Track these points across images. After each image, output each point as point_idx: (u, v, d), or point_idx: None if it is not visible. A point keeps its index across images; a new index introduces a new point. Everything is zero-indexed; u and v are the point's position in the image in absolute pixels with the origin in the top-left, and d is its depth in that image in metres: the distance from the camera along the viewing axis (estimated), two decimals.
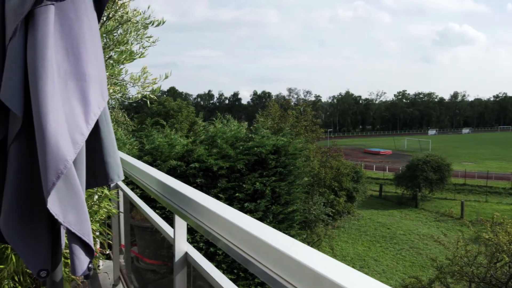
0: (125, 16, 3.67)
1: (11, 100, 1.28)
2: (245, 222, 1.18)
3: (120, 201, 3.27)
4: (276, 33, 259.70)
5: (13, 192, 1.34)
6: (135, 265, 3.79)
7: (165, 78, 3.36)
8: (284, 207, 7.02)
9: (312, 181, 22.25)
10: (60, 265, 1.55)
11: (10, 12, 1.36)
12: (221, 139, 6.86)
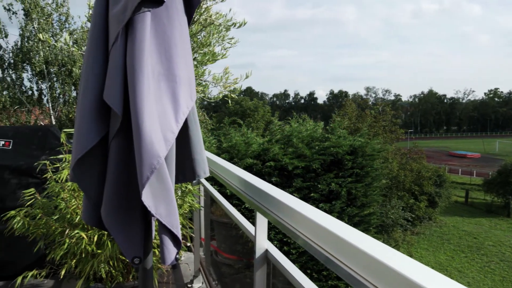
0: (209, 19, 3.82)
1: (113, 100, 1.40)
2: (330, 222, 1.17)
3: (201, 196, 3.41)
4: (354, 31, 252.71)
5: (113, 185, 1.47)
6: (214, 259, 3.93)
7: (246, 78, 3.44)
8: (360, 209, 6.82)
9: (390, 183, 21.34)
10: (151, 253, 1.66)
11: (112, 20, 1.49)
12: (297, 139, 6.85)
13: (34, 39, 15.49)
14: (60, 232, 2.53)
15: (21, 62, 15.73)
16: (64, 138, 2.80)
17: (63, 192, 2.53)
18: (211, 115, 27.05)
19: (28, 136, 3.85)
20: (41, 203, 2.65)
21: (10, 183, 3.50)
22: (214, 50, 4.06)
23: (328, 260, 1.15)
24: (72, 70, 15.79)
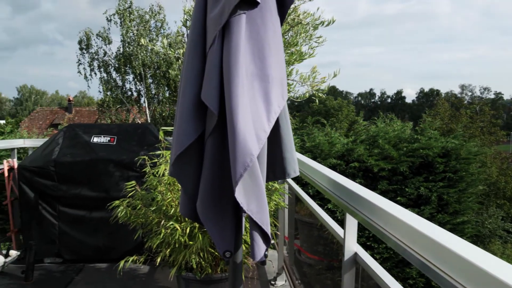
0: (296, 19, 3.83)
1: (210, 100, 1.47)
2: (427, 226, 1.11)
3: (286, 195, 3.44)
4: (447, 24, 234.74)
5: (208, 180, 1.55)
6: (297, 258, 3.94)
7: (334, 76, 3.39)
8: (452, 216, 6.34)
9: (488, 190, 19.52)
10: (241, 248, 1.72)
11: (210, 23, 1.56)
12: (383, 139, 6.57)
13: (133, 44, 16.90)
14: (157, 223, 2.73)
15: (123, 65, 17.26)
16: (161, 135, 3.01)
17: (160, 186, 2.73)
18: (294, 115, 27.14)
19: (130, 133, 4.22)
20: (141, 195, 2.88)
21: (114, 175, 3.86)
22: (301, 49, 4.06)
23: (425, 267, 1.10)
24: (166, 72, 16.94)
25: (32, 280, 3.53)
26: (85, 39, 17.38)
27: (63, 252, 3.96)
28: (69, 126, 4.26)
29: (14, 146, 4.59)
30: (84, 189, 3.89)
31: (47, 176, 3.86)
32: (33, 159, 3.94)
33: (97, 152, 3.94)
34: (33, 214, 3.91)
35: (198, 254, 2.61)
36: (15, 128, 11.80)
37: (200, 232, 2.56)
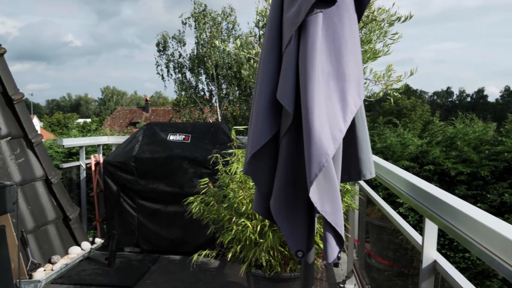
0: (371, 16, 3.71)
1: (285, 100, 1.48)
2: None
3: (357, 196, 3.35)
4: None
5: (282, 179, 1.55)
6: (367, 261, 3.82)
7: (410, 75, 3.24)
8: None
9: None
10: (313, 249, 1.71)
11: (286, 23, 1.57)
12: (462, 141, 6.14)
13: (207, 46, 17.52)
14: (228, 219, 2.80)
15: (196, 66, 17.97)
16: (233, 134, 3.08)
17: (232, 184, 2.80)
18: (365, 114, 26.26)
19: (203, 131, 4.38)
20: (213, 192, 2.98)
21: (188, 172, 4.04)
22: (375, 47, 3.93)
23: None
24: (237, 72, 17.34)
25: (114, 267, 3.80)
26: (163, 41, 18.35)
27: (141, 243, 4.22)
28: (148, 124, 4.53)
29: (99, 143, 4.98)
30: (160, 184, 4.11)
31: (128, 171, 4.14)
32: (116, 155, 4.25)
33: (173, 149, 4.14)
34: (115, 206, 4.22)
35: (268, 252, 2.64)
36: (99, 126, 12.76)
37: (270, 231, 2.58)
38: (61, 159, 6.14)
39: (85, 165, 4.68)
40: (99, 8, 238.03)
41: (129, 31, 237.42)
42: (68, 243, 3.95)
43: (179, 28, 28.29)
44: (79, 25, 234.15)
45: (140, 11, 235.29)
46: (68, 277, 3.54)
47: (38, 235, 3.60)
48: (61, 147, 5.95)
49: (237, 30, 18.44)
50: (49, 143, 6.45)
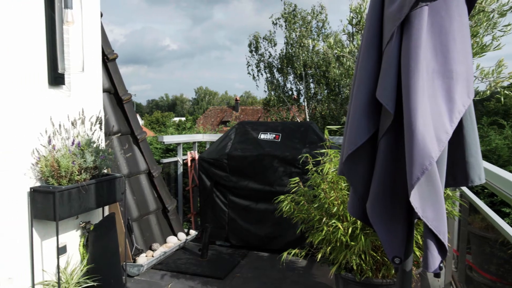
0: (479, 7, 3.39)
1: (385, 99, 1.42)
2: None
3: (459, 203, 3.10)
4: None
5: (379, 182, 1.50)
6: (467, 275, 3.52)
7: None
8: None
9: None
10: (411, 256, 1.62)
11: (388, 19, 1.51)
12: None
13: (296, 45, 17.57)
14: (318, 220, 2.78)
15: (285, 66, 18.14)
16: (326, 134, 3.05)
17: (323, 184, 2.77)
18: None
19: (293, 130, 4.40)
20: (303, 191, 2.98)
21: (278, 170, 4.09)
22: (482, 40, 3.58)
23: None
24: (326, 71, 17.12)
25: (207, 258, 4.00)
26: (254, 42, 18.82)
27: (230, 237, 4.38)
28: (240, 123, 4.68)
29: (195, 140, 5.28)
30: (251, 181, 4.22)
31: (221, 167, 4.32)
32: (210, 152, 4.46)
33: (263, 148, 4.22)
34: (208, 201, 4.43)
35: (359, 256, 2.56)
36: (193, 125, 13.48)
37: (362, 234, 2.51)
38: (159, 155, 6.63)
39: (182, 161, 4.99)
40: (193, 14, 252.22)
41: (220, 34, 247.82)
42: (166, 233, 4.26)
43: (268, 29, 28.67)
44: (175, 30, 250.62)
45: (230, 14, 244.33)
46: (166, 264, 3.81)
47: (141, 224, 3.94)
48: (161, 143, 6.42)
49: (326, 29, 18.20)
50: (149, 139, 7.01)
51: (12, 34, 2.55)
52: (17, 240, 2.62)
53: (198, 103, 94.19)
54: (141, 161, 4.11)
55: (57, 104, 2.89)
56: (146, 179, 4.15)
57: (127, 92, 4.08)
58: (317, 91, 18.01)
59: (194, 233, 4.50)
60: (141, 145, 4.13)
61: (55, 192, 2.57)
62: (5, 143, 2.52)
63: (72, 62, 2.88)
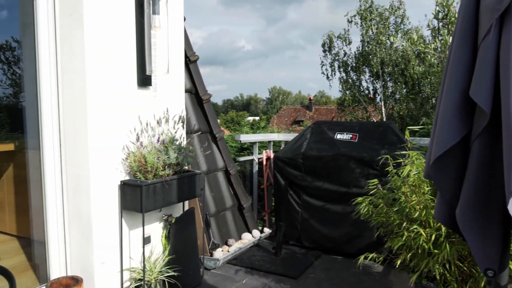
0: None
1: (480, 98, 1.32)
2: None
3: None
4: None
5: (472, 187, 1.39)
6: None
7: None
8: None
9: None
10: (507, 269, 1.48)
11: (485, 10, 1.39)
12: None
13: (372, 43, 16.99)
14: (398, 224, 2.66)
15: (361, 64, 17.63)
16: (407, 135, 2.91)
17: (404, 187, 2.64)
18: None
19: (371, 131, 4.26)
20: (382, 194, 2.87)
21: (354, 171, 3.98)
22: None
23: None
24: (404, 69, 16.34)
25: (280, 257, 4.02)
26: (328, 41, 18.54)
27: (302, 238, 4.36)
28: (316, 123, 4.64)
29: (270, 139, 5.34)
30: (326, 182, 4.16)
31: (296, 167, 4.32)
32: (285, 151, 4.48)
33: (339, 148, 4.14)
34: (283, 200, 4.45)
35: (443, 265, 2.41)
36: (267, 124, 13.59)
37: (447, 242, 2.35)
38: (234, 153, 6.81)
39: (257, 160, 5.08)
40: (267, 14, 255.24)
41: (294, 33, 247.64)
42: (241, 229, 4.36)
43: (342, 27, 28.06)
44: (250, 31, 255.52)
45: (304, 13, 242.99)
46: (240, 260, 3.90)
47: (218, 219, 4.08)
48: (238, 142, 6.58)
49: (405, 24, 17.34)
50: (225, 138, 7.23)
51: (111, 40, 2.78)
52: (110, 228, 2.86)
53: (272, 103, 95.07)
54: (219, 159, 4.25)
55: (145, 104, 3.09)
56: (223, 176, 4.29)
57: (207, 92, 4.25)
58: (395, 90, 17.25)
59: (268, 231, 4.55)
60: (219, 143, 4.28)
61: (142, 186, 2.75)
62: (103, 140, 2.76)
63: (158, 64, 3.06)
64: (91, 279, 2.80)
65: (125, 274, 2.99)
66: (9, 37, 4.04)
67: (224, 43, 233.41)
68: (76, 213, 2.84)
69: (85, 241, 2.80)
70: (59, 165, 2.85)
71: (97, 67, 2.72)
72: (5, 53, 4.11)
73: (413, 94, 16.52)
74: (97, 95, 2.72)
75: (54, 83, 2.80)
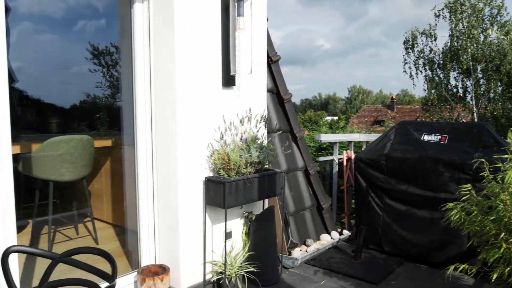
0: None
1: None
2: None
3: None
4: None
5: None
6: None
7: None
8: None
9: None
10: None
11: None
12: None
13: (463, 37, 15.77)
14: (495, 234, 2.44)
15: (449, 61, 16.45)
16: (510, 136, 2.65)
17: (503, 194, 2.42)
18: None
19: (463, 132, 3.95)
20: (477, 201, 2.65)
21: (443, 175, 3.73)
22: None
23: None
24: (500, 65, 14.93)
25: (360, 260, 3.91)
26: (411, 38, 17.58)
27: (383, 243, 4.18)
28: (401, 123, 4.43)
29: (351, 139, 5.22)
30: (411, 185, 3.96)
31: (378, 168, 4.17)
32: (367, 152, 4.34)
33: (427, 150, 3.91)
34: (363, 202, 4.32)
35: None
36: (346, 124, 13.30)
37: None
38: (312, 153, 6.76)
39: (338, 160, 4.98)
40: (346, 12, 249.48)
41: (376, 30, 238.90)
42: (319, 230, 4.32)
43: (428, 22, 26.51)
44: (329, 29, 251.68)
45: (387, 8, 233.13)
46: (319, 261, 3.87)
47: (296, 219, 4.08)
48: (317, 141, 6.54)
49: (503, 16, 15.80)
50: None
51: (198, 43, 2.93)
52: (194, 222, 3.01)
53: (351, 102, 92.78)
54: (298, 158, 4.26)
55: (228, 103, 3.20)
56: (302, 176, 4.28)
57: (288, 91, 4.27)
58: (488, 88, 15.83)
59: (347, 233, 4.45)
60: (299, 142, 4.28)
61: (225, 183, 2.85)
62: (190, 137, 2.92)
63: (241, 65, 3.15)
64: (177, 269, 2.97)
65: (207, 266, 3.12)
66: (108, 43, 4.43)
67: (302, 43, 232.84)
68: (164, 206, 3.03)
69: (172, 232, 2.98)
70: (150, 161, 3.07)
71: (185, 69, 2.87)
72: (104, 57, 4.52)
73: (510, 92, 15.04)
74: (185, 95, 2.88)
75: (148, 85, 3.02)
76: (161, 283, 2.80)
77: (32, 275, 3.01)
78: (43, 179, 3.52)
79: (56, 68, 4.73)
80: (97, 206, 4.23)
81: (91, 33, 4.49)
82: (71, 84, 4.77)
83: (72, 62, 4.72)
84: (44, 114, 5.05)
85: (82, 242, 3.85)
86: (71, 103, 4.92)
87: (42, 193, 3.68)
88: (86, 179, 3.77)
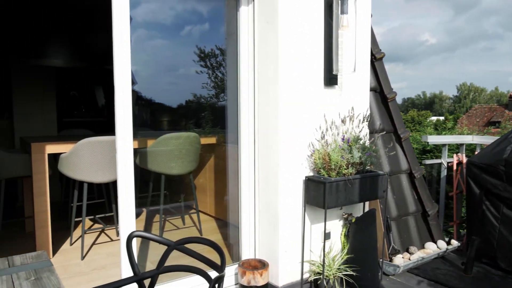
0: None
1: None
2: None
3: None
4: None
5: None
6: None
7: None
8: None
9: None
10: None
11: None
12: None
13: None
14: None
15: None
16: None
17: None
18: None
19: None
20: None
21: None
22: None
23: None
24: None
25: (471, 275, 3.57)
26: None
27: (499, 258, 3.76)
28: None
29: (462, 142, 4.79)
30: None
31: (495, 174, 3.76)
32: (482, 156, 3.94)
33: None
34: (476, 211, 3.94)
35: None
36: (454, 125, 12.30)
37: None
38: (416, 155, 6.35)
39: (447, 164, 4.61)
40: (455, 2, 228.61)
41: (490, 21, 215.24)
42: (424, 238, 4.05)
43: None
44: (435, 22, 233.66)
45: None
46: (423, 271, 3.62)
47: (399, 224, 3.88)
48: (422, 143, 6.14)
49: None
50: None
51: (301, 42, 2.94)
52: (293, 220, 3.03)
53: (460, 101, 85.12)
54: (402, 160, 4.04)
55: (330, 103, 3.16)
56: (406, 179, 4.05)
57: (392, 90, 4.07)
58: None
59: (456, 244, 4.10)
60: (404, 144, 4.05)
61: (325, 183, 2.82)
62: (291, 136, 2.95)
63: (344, 63, 3.08)
64: (276, 265, 3.02)
65: (305, 265, 3.12)
66: (214, 46, 4.68)
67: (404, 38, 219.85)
68: (265, 202, 3.10)
69: (272, 229, 3.04)
70: (252, 158, 3.17)
71: (288, 69, 2.90)
72: (210, 59, 4.78)
73: None
74: (287, 95, 2.91)
75: (252, 85, 3.12)
76: (260, 277, 2.88)
77: (146, 259, 3.33)
78: (156, 172, 3.86)
79: (166, 70, 5.14)
80: (202, 199, 4.51)
81: (197, 37, 4.79)
82: (179, 85, 5.15)
83: (180, 64, 5.09)
84: (155, 112, 5.53)
85: (188, 232, 4.14)
86: (179, 103, 5.31)
87: (154, 185, 4.04)
88: (192, 173, 4.04)
